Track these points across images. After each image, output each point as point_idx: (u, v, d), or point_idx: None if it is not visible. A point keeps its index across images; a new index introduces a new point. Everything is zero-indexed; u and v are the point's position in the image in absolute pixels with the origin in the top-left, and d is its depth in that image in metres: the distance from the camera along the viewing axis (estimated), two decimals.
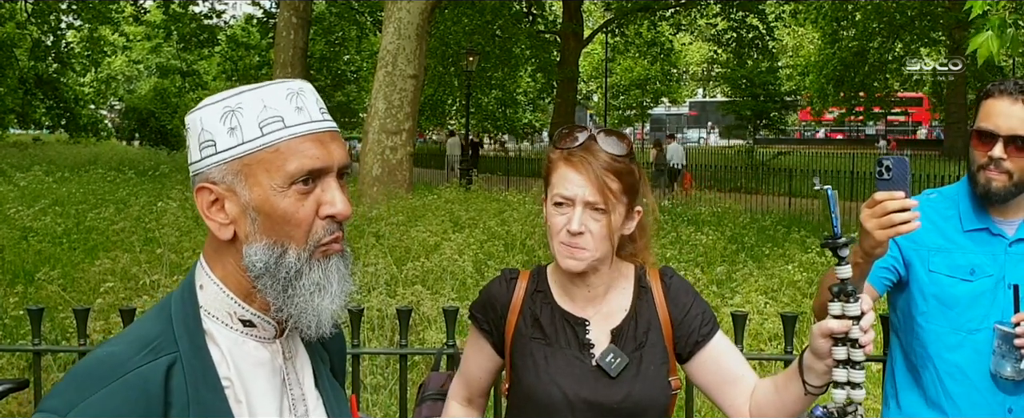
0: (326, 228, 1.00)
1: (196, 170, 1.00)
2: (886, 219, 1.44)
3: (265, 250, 0.98)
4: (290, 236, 0.98)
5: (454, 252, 6.68)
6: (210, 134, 0.98)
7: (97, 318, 4.73)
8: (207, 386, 0.95)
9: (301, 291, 0.99)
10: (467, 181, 17.56)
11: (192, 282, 1.03)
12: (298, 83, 1.02)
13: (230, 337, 1.01)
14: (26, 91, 28.29)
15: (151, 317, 1.01)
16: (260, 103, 0.98)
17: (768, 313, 5.21)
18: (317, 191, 0.99)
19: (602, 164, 1.40)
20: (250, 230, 0.98)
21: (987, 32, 3.10)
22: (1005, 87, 1.75)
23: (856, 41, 28.44)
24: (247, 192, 0.97)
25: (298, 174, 0.97)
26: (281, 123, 0.98)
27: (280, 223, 0.98)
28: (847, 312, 1.20)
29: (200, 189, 0.99)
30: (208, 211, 0.99)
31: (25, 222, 8.66)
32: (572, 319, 1.51)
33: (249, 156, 0.97)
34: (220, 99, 0.99)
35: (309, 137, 0.99)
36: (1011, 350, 1.73)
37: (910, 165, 1.43)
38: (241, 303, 1.01)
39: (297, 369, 1.08)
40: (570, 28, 26.12)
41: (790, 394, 1.34)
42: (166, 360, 0.94)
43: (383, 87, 12.57)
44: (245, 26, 30.97)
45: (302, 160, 0.98)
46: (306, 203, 0.98)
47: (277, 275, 0.98)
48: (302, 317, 1.00)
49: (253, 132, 0.97)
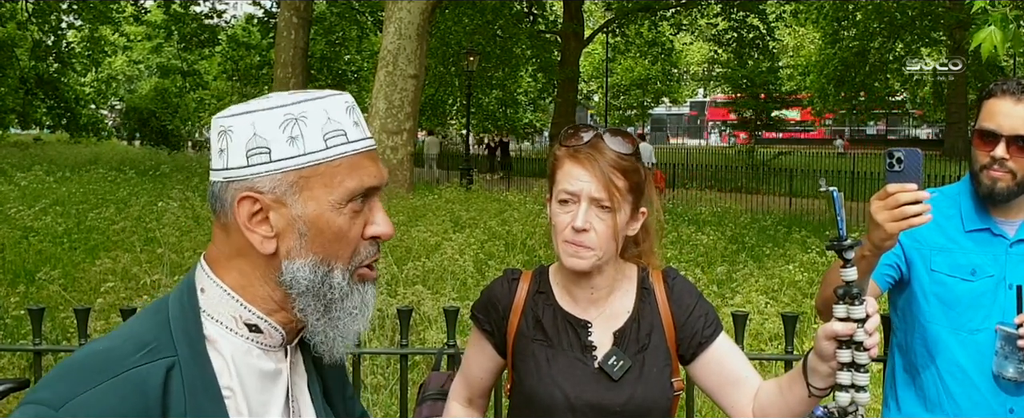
0: (368, 249, 0.98)
1: (238, 176, 0.92)
2: (898, 211, 1.42)
3: (310, 268, 0.93)
4: (337, 255, 0.95)
5: (455, 252, 6.68)
6: (264, 140, 0.92)
7: (98, 318, 4.74)
8: (207, 395, 0.90)
9: (342, 314, 0.96)
10: (468, 181, 17.54)
11: (192, 285, 0.97)
12: (350, 97, 0.99)
13: (235, 344, 0.95)
14: (27, 91, 28.33)
15: (146, 318, 0.95)
16: (324, 114, 0.94)
17: (769, 313, 5.21)
18: (365, 210, 0.97)
19: (608, 162, 1.39)
20: (295, 245, 0.93)
21: (989, 27, 3.09)
22: (1007, 87, 1.74)
23: (857, 41, 28.45)
24: (301, 205, 0.92)
25: (358, 191, 0.94)
26: (344, 137, 0.94)
27: (331, 241, 0.94)
28: (852, 314, 1.18)
29: (243, 198, 0.92)
30: (249, 222, 0.93)
31: (26, 222, 8.66)
32: (574, 321, 1.50)
33: (310, 168, 0.92)
34: (278, 104, 0.93)
35: (366, 154, 0.97)
36: (1013, 351, 1.73)
37: (923, 158, 1.40)
38: (248, 306, 0.95)
39: (297, 382, 1.04)
40: (571, 28, 26.13)
41: (794, 396, 1.33)
42: (165, 363, 0.89)
43: (384, 87, 12.58)
44: (246, 26, 30.96)
45: (363, 177, 0.95)
46: (357, 222, 0.96)
47: (321, 295, 0.95)
48: (338, 340, 0.97)
49: (317, 144, 0.92)
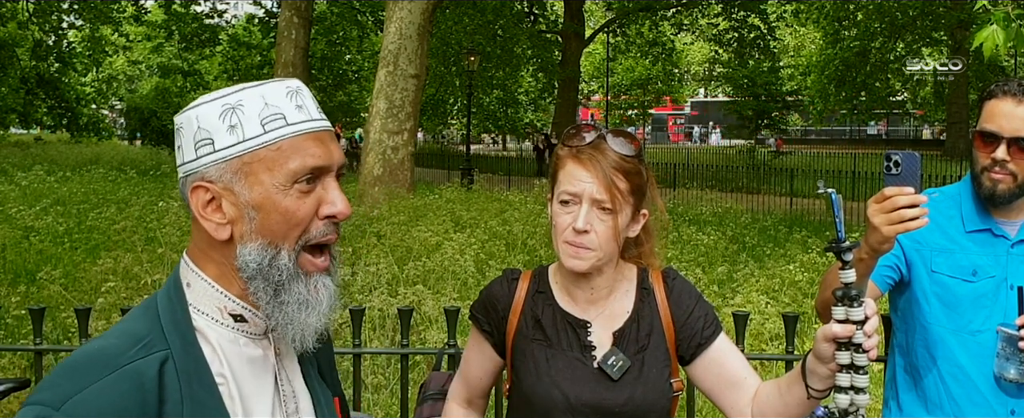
0: (322, 228, 0.99)
1: (191, 169, 0.97)
2: (896, 214, 1.41)
3: (259, 251, 0.96)
4: (285, 236, 0.97)
5: (455, 252, 6.68)
6: (207, 132, 0.96)
7: (98, 318, 4.74)
8: (201, 384, 0.94)
9: (289, 300, 0.98)
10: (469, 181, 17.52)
11: (178, 280, 1.00)
12: (295, 82, 1.01)
13: (221, 333, 0.99)
14: (28, 91, 28.36)
15: (138, 315, 0.99)
16: (261, 100, 0.96)
17: (769, 313, 5.21)
18: (318, 190, 0.98)
19: (611, 163, 1.39)
20: (247, 230, 0.96)
21: (991, 26, 3.08)
22: (1008, 88, 1.73)
23: (858, 41, 28.41)
24: (247, 191, 0.96)
25: (301, 172, 0.96)
26: (283, 120, 0.97)
27: (279, 222, 0.96)
28: (851, 316, 1.18)
29: (195, 188, 0.97)
30: (204, 211, 0.97)
31: (27, 221, 8.67)
32: (574, 321, 1.49)
33: (250, 154, 0.95)
34: (217, 96, 0.97)
35: (311, 136, 0.98)
36: (1015, 353, 1.72)
37: (921, 161, 1.40)
38: (231, 297, 0.99)
39: (287, 366, 1.07)
40: (571, 28, 26.14)
41: (793, 398, 1.33)
42: (159, 356, 0.92)
43: (385, 87, 12.57)
44: (247, 26, 30.94)
45: (305, 158, 0.96)
46: (307, 202, 0.97)
47: (270, 277, 0.97)
48: (289, 328, 0.99)
49: (255, 129, 0.96)
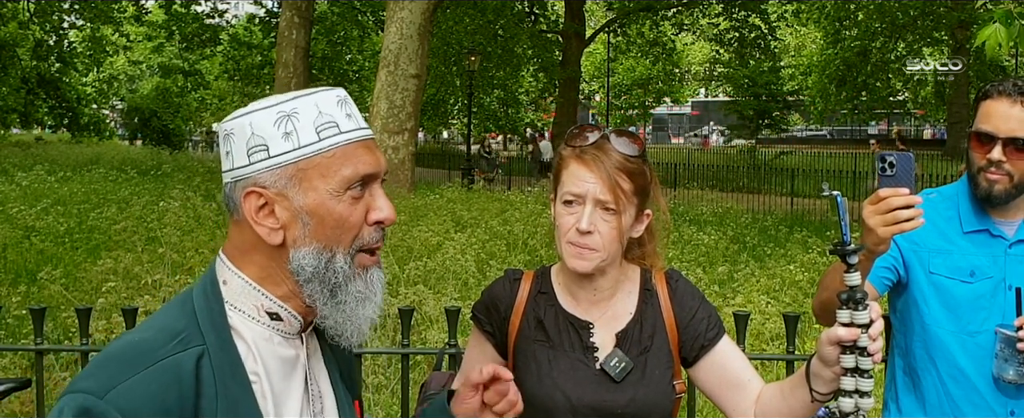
0: (372, 234, 1.03)
1: (243, 175, 1.00)
2: (891, 216, 1.41)
3: (314, 255, 0.99)
4: (339, 240, 1.00)
5: (456, 252, 6.67)
6: (262, 138, 0.99)
7: (99, 318, 4.73)
8: (235, 380, 0.97)
9: (348, 299, 1.01)
10: (469, 181, 17.52)
11: (214, 278, 1.03)
12: (342, 91, 1.04)
13: (257, 332, 1.01)
14: (28, 91, 28.34)
15: (173, 310, 1.01)
16: (315, 108, 1.00)
17: (770, 313, 5.21)
18: (366, 196, 1.02)
19: (615, 163, 1.39)
20: (300, 235, 0.99)
21: (994, 24, 3.07)
22: (1004, 88, 1.72)
23: (858, 41, 28.41)
24: (301, 196, 0.99)
25: (354, 179, 1.00)
26: (337, 128, 1.00)
27: (333, 227, 0.99)
28: (856, 320, 1.18)
29: (248, 194, 0.99)
30: (256, 216, 0.99)
31: (27, 221, 8.66)
32: (576, 322, 1.49)
33: (305, 160, 0.99)
34: (271, 104, 1.00)
35: (361, 143, 1.02)
36: (1013, 354, 1.71)
37: (914, 161, 1.41)
38: (268, 294, 1.01)
39: (314, 367, 1.10)
40: (572, 28, 26.09)
41: (797, 400, 1.33)
42: (195, 351, 0.95)
43: (385, 87, 12.57)
44: (247, 26, 30.88)
45: (358, 165, 1.00)
46: (358, 208, 1.01)
47: (326, 280, 1.00)
48: (348, 325, 1.03)
49: (310, 137, 0.99)
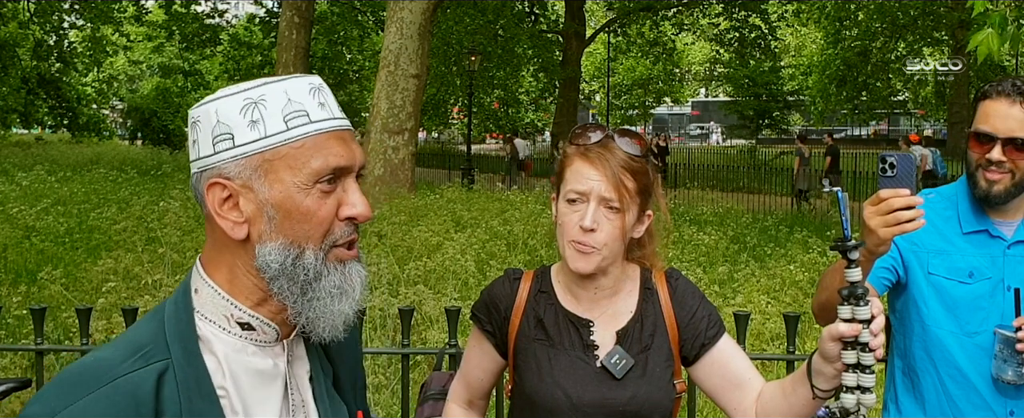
0: (343, 229, 0.96)
1: (207, 165, 0.93)
2: (891, 217, 1.41)
3: (281, 250, 0.93)
4: (308, 236, 0.93)
5: (456, 252, 6.67)
6: (227, 127, 0.92)
7: (99, 318, 4.74)
8: (201, 395, 0.90)
9: (321, 294, 0.95)
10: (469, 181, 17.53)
11: (187, 286, 0.97)
12: (317, 79, 0.98)
13: (228, 342, 0.95)
14: (29, 91, 28.33)
15: (145, 322, 0.96)
16: (284, 96, 0.93)
17: (770, 313, 5.21)
18: (338, 191, 0.95)
19: (619, 162, 1.39)
20: (265, 229, 0.93)
21: (988, 30, 3.07)
22: (1002, 88, 1.72)
23: (859, 41, 28.42)
24: (267, 188, 0.92)
25: (324, 172, 0.93)
26: (306, 118, 0.93)
27: (300, 222, 0.93)
28: (857, 316, 1.18)
29: (212, 185, 0.93)
30: (220, 208, 0.93)
31: (28, 221, 8.66)
32: (576, 320, 1.49)
33: (271, 151, 0.92)
34: (239, 90, 0.93)
35: (334, 134, 0.95)
36: (1013, 354, 1.71)
37: (915, 162, 1.41)
38: (238, 304, 0.95)
39: (297, 376, 1.03)
40: (572, 28, 26.09)
41: (798, 398, 1.33)
42: (157, 367, 0.90)
43: (385, 87, 12.58)
44: (247, 25, 30.90)
45: (328, 157, 0.93)
46: (328, 202, 0.94)
47: (295, 277, 0.93)
48: (320, 321, 0.96)
49: (277, 126, 0.92)
